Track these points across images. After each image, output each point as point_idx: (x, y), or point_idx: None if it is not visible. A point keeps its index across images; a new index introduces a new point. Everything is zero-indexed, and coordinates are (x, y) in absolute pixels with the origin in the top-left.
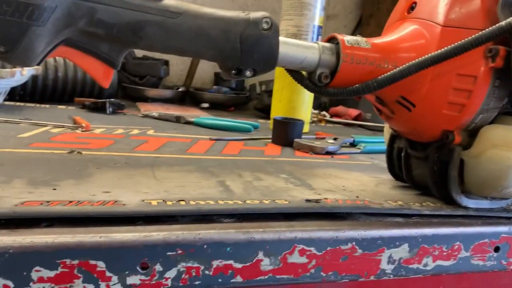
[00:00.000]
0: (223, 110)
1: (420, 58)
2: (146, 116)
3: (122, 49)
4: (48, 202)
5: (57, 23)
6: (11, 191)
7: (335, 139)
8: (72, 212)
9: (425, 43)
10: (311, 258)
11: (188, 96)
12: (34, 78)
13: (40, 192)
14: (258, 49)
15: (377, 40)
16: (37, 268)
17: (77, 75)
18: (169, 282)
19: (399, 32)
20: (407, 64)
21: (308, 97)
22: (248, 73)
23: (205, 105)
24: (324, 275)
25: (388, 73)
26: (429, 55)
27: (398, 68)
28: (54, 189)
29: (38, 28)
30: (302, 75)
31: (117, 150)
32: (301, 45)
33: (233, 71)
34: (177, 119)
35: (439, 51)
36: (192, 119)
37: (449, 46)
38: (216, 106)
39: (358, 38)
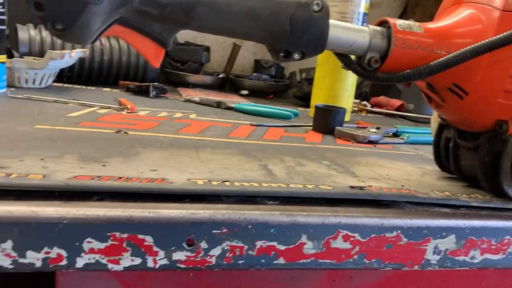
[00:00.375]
0: (262, 98)
1: (476, 44)
2: (187, 100)
3: (174, 29)
4: (99, 177)
5: (112, 1)
6: (63, 165)
7: (377, 128)
8: (123, 187)
9: (482, 28)
10: (355, 244)
11: (228, 83)
12: (81, 60)
13: (90, 167)
14: (308, 31)
15: (431, 25)
16: (89, 239)
17: (122, 59)
18: (213, 260)
19: (453, 17)
20: (462, 50)
21: (350, 85)
22: (296, 55)
23: (245, 92)
24: (367, 262)
25: (442, 59)
26: (486, 40)
27: (452, 54)
28: (104, 165)
29: (95, 7)
30: (351, 59)
31: (161, 132)
32: (351, 28)
33: (282, 54)
34: (218, 105)
35: (497, 36)
36: (233, 105)
37: (508, 32)
38: (255, 93)
39: (410, 22)
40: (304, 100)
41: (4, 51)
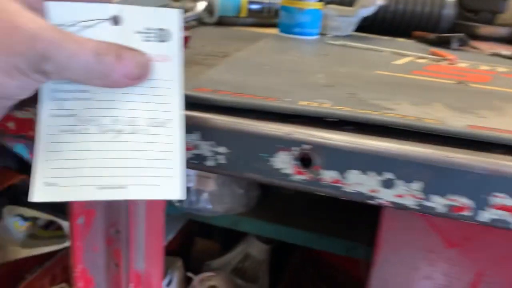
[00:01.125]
0: None
1: None
2: (494, 54)
3: None
4: (492, 128)
5: None
6: (441, 113)
7: None
8: None
9: None
10: None
11: None
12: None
13: (464, 117)
14: None
15: None
16: (499, 194)
17: (416, 9)
18: None
19: None
20: None
21: None
22: None
23: None
24: None
25: None
26: None
27: None
28: (481, 117)
29: None
30: None
31: (501, 86)
32: None
33: None
34: None
35: None
36: None
37: None
38: None
39: None
40: None
41: None
